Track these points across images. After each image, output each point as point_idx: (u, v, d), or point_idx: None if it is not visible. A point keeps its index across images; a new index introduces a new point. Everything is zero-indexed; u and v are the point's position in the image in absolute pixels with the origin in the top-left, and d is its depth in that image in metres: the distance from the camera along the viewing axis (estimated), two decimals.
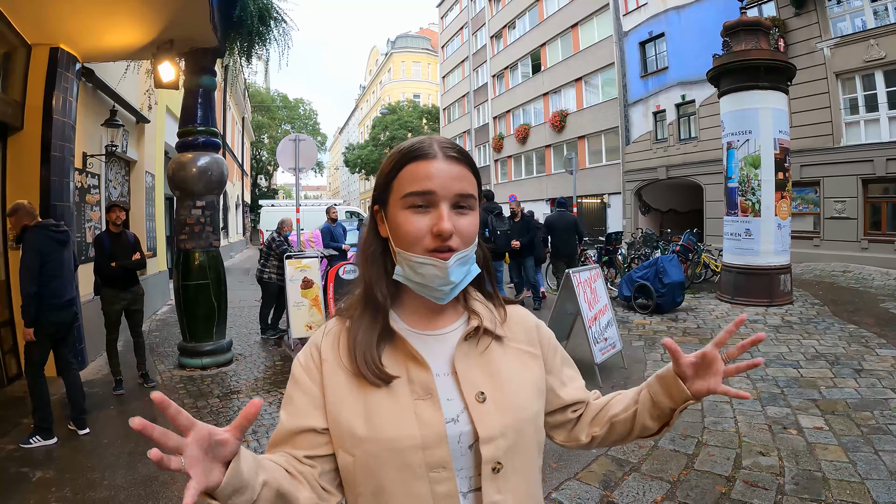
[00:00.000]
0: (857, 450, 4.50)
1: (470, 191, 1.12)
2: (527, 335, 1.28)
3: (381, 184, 1.18)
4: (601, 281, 7.25)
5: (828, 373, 6.53)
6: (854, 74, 16.30)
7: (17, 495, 4.03)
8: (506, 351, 1.21)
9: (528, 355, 1.25)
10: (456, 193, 1.10)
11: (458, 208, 1.10)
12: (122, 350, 6.98)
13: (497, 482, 1.09)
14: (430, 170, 1.09)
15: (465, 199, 1.11)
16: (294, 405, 1.13)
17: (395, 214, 1.12)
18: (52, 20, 6.37)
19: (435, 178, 1.09)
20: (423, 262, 1.08)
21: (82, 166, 7.95)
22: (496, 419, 1.10)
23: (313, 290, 8.74)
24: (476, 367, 1.15)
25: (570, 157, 19.09)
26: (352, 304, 1.21)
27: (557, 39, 32.44)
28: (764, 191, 10.70)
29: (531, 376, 1.22)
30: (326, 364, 1.15)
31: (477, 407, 1.10)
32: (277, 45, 7.91)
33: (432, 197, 1.08)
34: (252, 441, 5.03)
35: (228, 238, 27.18)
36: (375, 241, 1.20)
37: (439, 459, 1.06)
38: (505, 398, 1.13)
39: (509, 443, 1.10)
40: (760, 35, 10.88)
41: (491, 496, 1.08)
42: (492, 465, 1.08)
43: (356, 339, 1.13)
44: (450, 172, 1.10)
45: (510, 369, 1.19)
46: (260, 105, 52.82)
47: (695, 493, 3.94)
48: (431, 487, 1.06)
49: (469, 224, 1.11)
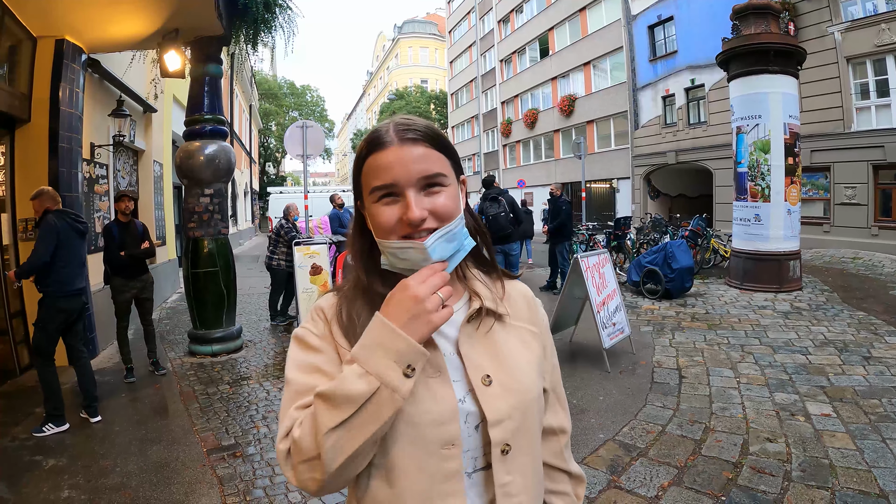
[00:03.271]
0: (864, 437, 4.49)
1: (436, 169, 1.09)
2: (528, 312, 1.28)
3: (353, 179, 1.17)
4: (609, 266, 7.23)
5: (836, 360, 6.51)
6: (865, 59, 16.12)
7: (30, 483, 4.08)
8: (507, 330, 1.21)
9: (529, 333, 1.24)
10: (420, 176, 1.07)
11: (429, 188, 1.08)
12: (133, 338, 7.03)
13: (506, 463, 1.10)
14: (388, 159, 1.07)
15: (432, 178, 1.08)
16: (322, 371, 1.08)
17: (369, 208, 1.12)
18: (56, 12, 6.37)
19: (394, 167, 1.06)
20: (402, 247, 1.06)
21: (90, 157, 7.99)
22: (503, 402, 1.10)
23: (322, 276, 8.76)
24: (480, 349, 1.14)
25: (579, 142, 19.04)
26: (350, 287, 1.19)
27: (565, 23, 32.22)
28: (774, 176, 10.62)
29: (533, 356, 1.22)
30: (335, 329, 1.14)
31: (483, 390, 1.10)
32: (283, 32, 7.91)
33: (396, 187, 1.06)
34: (262, 427, 5.07)
35: (237, 226, 27.27)
36: (363, 235, 1.19)
37: (451, 436, 1.06)
38: (510, 380, 1.13)
39: (516, 424, 1.11)
40: (770, 18, 10.76)
41: (501, 477, 1.09)
42: (501, 447, 1.09)
43: (355, 322, 1.12)
44: (409, 156, 1.07)
45: (513, 349, 1.18)
46: (267, 92, 52.69)
47: (702, 479, 3.95)
48: (440, 464, 1.06)
49: (445, 202, 1.08)
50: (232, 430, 5.06)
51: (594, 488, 3.88)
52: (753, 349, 7.05)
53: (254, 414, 5.46)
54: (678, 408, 5.33)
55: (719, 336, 7.69)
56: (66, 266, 5.08)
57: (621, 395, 5.71)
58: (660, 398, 5.59)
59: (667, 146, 23.82)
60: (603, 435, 4.79)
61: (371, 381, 0.95)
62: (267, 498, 3.87)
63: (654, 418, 5.10)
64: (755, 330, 7.91)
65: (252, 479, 4.14)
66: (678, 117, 23.31)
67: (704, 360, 6.72)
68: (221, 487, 4.00)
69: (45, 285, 5.03)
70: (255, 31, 7.62)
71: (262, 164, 52.10)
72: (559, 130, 33.15)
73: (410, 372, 0.97)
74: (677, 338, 7.73)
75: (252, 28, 7.57)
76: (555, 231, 11.53)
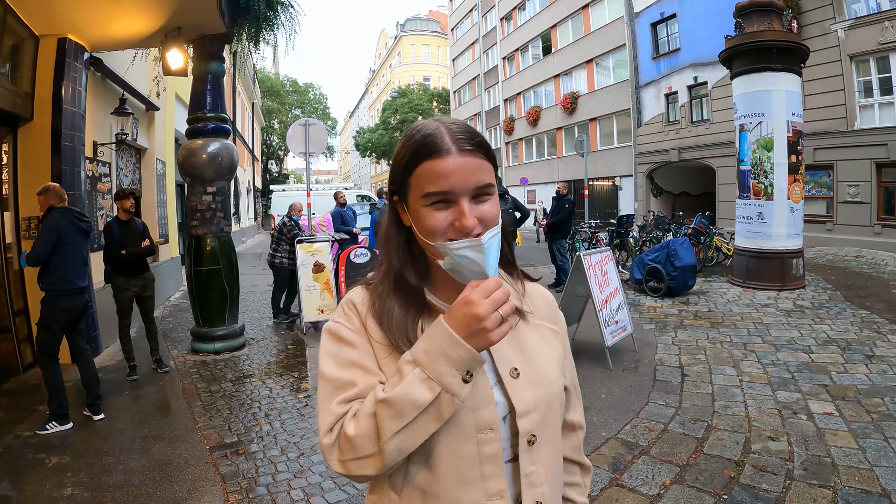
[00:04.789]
0: (866, 436, 4.49)
1: (487, 180, 1.11)
2: (548, 311, 1.33)
3: (396, 178, 1.17)
4: (612, 264, 7.23)
5: (839, 358, 6.50)
6: (868, 57, 16.06)
7: (34, 480, 4.10)
8: (530, 327, 1.26)
9: (550, 332, 1.30)
10: (474, 187, 1.09)
11: (479, 197, 1.10)
12: (136, 336, 7.06)
13: (531, 454, 1.15)
14: (446, 167, 1.08)
15: (484, 189, 1.10)
16: (360, 365, 1.13)
17: (416, 209, 1.12)
18: (59, 11, 6.39)
19: (452, 177, 1.08)
20: (460, 246, 1.07)
21: (93, 155, 8.00)
22: (529, 394, 1.15)
23: (325, 273, 8.80)
24: (507, 344, 1.15)
25: (582, 140, 19.02)
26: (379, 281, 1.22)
27: (568, 21, 32.16)
28: (777, 174, 10.61)
29: (555, 353, 1.27)
30: (369, 323, 1.17)
31: (512, 382, 1.15)
32: (285, 30, 7.93)
33: (451, 195, 1.08)
34: (265, 424, 5.09)
35: (240, 223, 27.28)
36: (399, 231, 1.20)
37: (488, 420, 1.11)
38: (536, 374, 1.18)
39: (541, 416, 1.16)
40: (773, 16, 10.74)
41: (526, 467, 1.14)
42: (527, 438, 1.14)
43: (391, 315, 1.16)
44: (466, 167, 1.09)
45: (537, 345, 1.24)
46: (270, 90, 52.72)
47: (704, 477, 3.95)
48: (479, 448, 1.10)
49: (490, 208, 1.11)
50: (235, 427, 5.07)
51: (596, 486, 3.88)
52: (756, 347, 7.05)
53: (256, 411, 5.47)
54: (680, 406, 5.33)
55: (722, 334, 7.69)
56: (68, 264, 5.09)
57: (623, 393, 5.71)
58: (662, 396, 5.59)
59: (670, 144, 23.79)
60: (605, 433, 4.79)
61: (433, 386, 1.00)
62: (269, 495, 3.88)
63: (657, 416, 5.10)
64: (758, 328, 7.91)
65: (255, 476, 4.15)
66: (681, 115, 23.27)
67: (707, 358, 6.72)
68: (224, 485, 4.01)
69: (47, 283, 5.04)
70: (258, 29, 7.63)
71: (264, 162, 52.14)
72: (562, 128, 33.12)
73: (469, 378, 1.02)
74: (680, 336, 7.73)
75: (254, 26, 7.58)
76: (553, 227, 11.50)
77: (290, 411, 5.44)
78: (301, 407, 5.55)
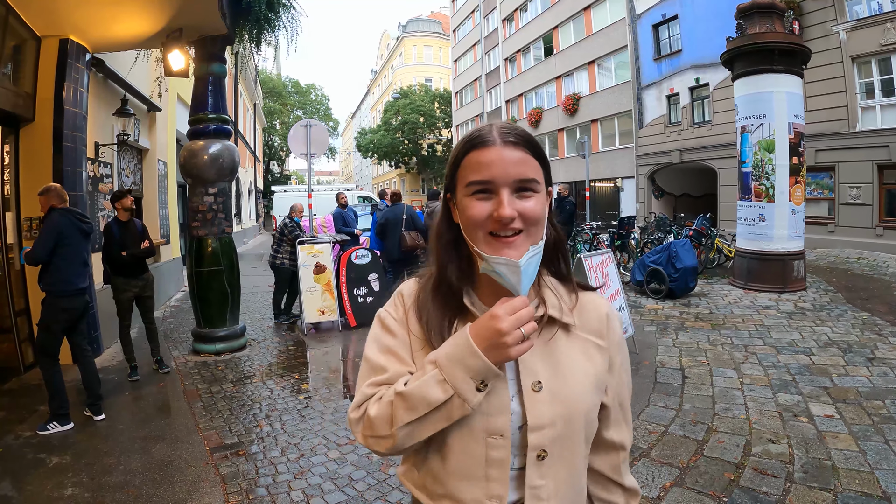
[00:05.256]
0: (867, 439, 4.49)
1: (531, 175, 1.14)
2: (598, 325, 1.28)
3: (449, 173, 1.23)
4: (613, 265, 7.22)
5: (840, 360, 6.50)
6: (870, 58, 16.02)
7: (34, 480, 4.10)
8: (572, 340, 1.24)
9: (595, 347, 1.25)
10: (515, 179, 1.12)
11: (521, 191, 1.13)
12: (136, 337, 7.07)
13: (541, 468, 1.15)
14: (489, 157, 1.13)
15: (527, 183, 1.13)
16: (395, 354, 1.22)
17: (461, 201, 1.18)
18: (60, 11, 6.39)
19: (494, 166, 1.12)
20: (497, 262, 1.10)
21: (94, 156, 8.01)
22: (547, 409, 1.15)
23: (326, 275, 8.81)
24: (538, 355, 1.18)
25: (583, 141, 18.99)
26: (427, 277, 1.29)
27: (570, 22, 32.14)
28: (778, 176, 10.60)
29: (594, 369, 1.23)
30: (411, 315, 1.26)
31: (531, 395, 1.16)
32: (286, 31, 7.93)
33: (492, 184, 1.12)
34: (265, 425, 5.09)
35: (241, 224, 27.30)
36: (448, 227, 1.25)
37: (499, 427, 1.14)
38: (562, 389, 1.17)
39: (558, 432, 1.16)
40: (775, 17, 10.73)
41: (533, 480, 1.15)
42: (537, 453, 1.15)
43: (429, 313, 1.22)
44: (510, 158, 1.13)
45: (573, 360, 1.21)
46: (271, 91, 52.77)
47: (704, 480, 3.95)
48: (487, 451, 1.15)
49: (533, 207, 1.13)
50: (235, 428, 5.07)
51: None
52: (757, 349, 7.04)
53: (257, 412, 5.47)
54: (681, 408, 5.32)
55: (723, 336, 7.68)
56: (68, 265, 5.09)
57: None
58: (663, 398, 5.58)
59: (671, 145, 23.77)
60: None
61: (447, 389, 1.07)
62: (269, 496, 3.88)
63: (657, 418, 5.10)
64: (759, 330, 7.90)
65: (255, 477, 4.15)
66: (682, 116, 23.25)
67: (708, 360, 6.72)
68: (224, 486, 4.01)
69: (48, 284, 5.04)
70: (259, 30, 7.64)
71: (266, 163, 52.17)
72: (563, 129, 33.10)
73: (482, 387, 1.08)
74: (681, 338, 7.72)
75: (255, 27, 7.59)
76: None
77: (290, 412, 5.44)
78: (301, 408, 5.56)
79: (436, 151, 56.26)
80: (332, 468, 4.28)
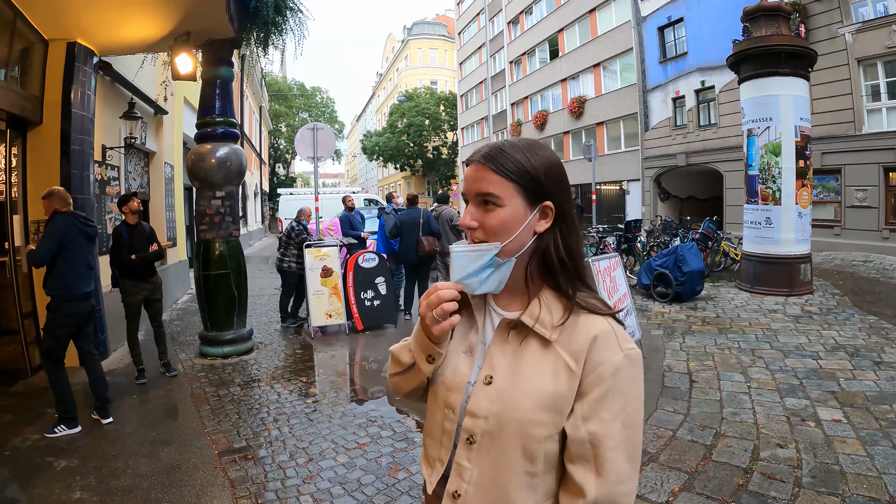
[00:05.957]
0: (875, 443, 4.47)
1: (488, 189, 1.24)
2: (579, 348, 1.20)
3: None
4: (621, 269, 7.21)
5: (847, 364, 6.48)
6: (876, 60, 16.00)
7: (42, 484, 4.11)
8: (547, 353, 1.22)
9: (566, 369, 1.19)
10: (476, 192, 1.26)
11: (484, 205, 1.25)
12: (144, 340, 7.07)
13: (468, 452, 1.27)
14: (467, 173, 1.32)
15: (485, 196, 1.24)
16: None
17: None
18: (68, 15, 6.41)
19: (465, 181, 1.30)
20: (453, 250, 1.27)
21: (102, 159, 8.04)
22: (486, 402, 1.24)
23: (333, 278, 8.81)
24: (505, 354, 1.27)
25: (589, 144, 19.03)
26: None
27: (575, 25, 32.15)
28: (785, 179, 10.57)
29: (554, 388, 1.18)
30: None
31: (480, 386, 1.27)
32: (293, 34, 7.91)
33: (465, 196, 1.30)
34: (273, 429, 5.09)
35: (247, 226, 27.35)
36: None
37: (452, 402, 1.32)
38: (507, 392, 1.23)
39: (489, 427, 1.23)
40: (781, 20, 10.72)
41: (461, 459, 1.28)
42: (467, 436, 1.27)
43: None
44: (473, 176, 1.27)
45: (535, 371, 1.21)
46: (277, 94, 52.90)
47: (712, 485, 3.94)
48: (442, 420, 1.34)
49: (492, 218, 1.24)
50: (243, 432, 5.08)
51: None
52: (764, 353, 7.03)
53: (265, 416, 5.48)
54: (689, 412, 5.31)
55: (730, 340, 7.67)
56: (72, 269, 5.06)
57: None
58: (670, 403, 5.57)
59: (677, 148, 23.73)
60: None
61: (411, 356, 1.37)
62: (279, 501, 3.88)
63: (665, 423, 5.08)
64: (766, 334, 7.89)
65: (264, 481, 4.15)
66: (688, 119, 23.21)
67: (715, 364, 6.71)
68: (233, 490, 4.01)
69: (52, 289, 5.02)
70: (266, 33, 7.65)
71: (272, 165, 52.26)
72: (569, 132, 33.08)
73: (430, 360, 1.31)
74: (688, 342, 7.71)
75: (263, 31, 7.60)
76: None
77: (298, 416, 5.45)
78: (310, 412, 5.56)
79: (441, 154, 56.30)
80: (342, 473, 4.28)
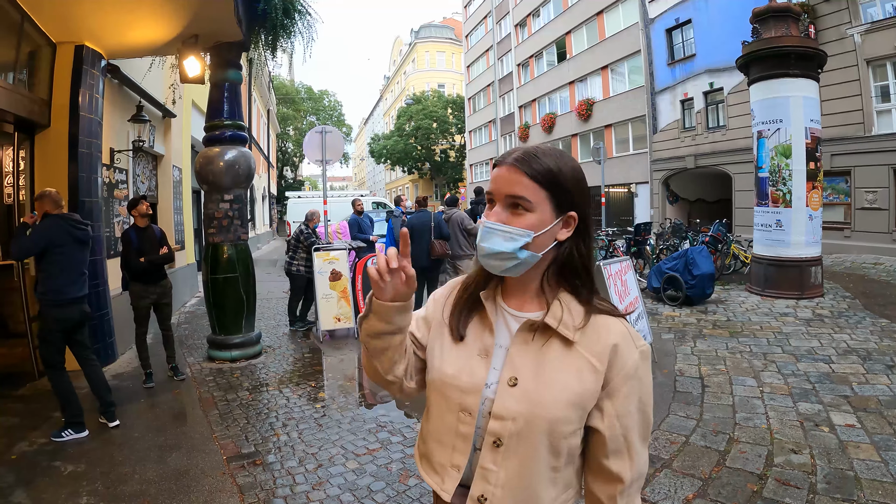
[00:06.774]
0: (889, 449, 4.41)
1: (521, 193, 1.26)
2: (601, 348, 1.29)
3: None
4: (632, 273, 7.15)
5: (860, 368, 6.40)
6: (885, 61, 15.92)
7: (48, 488, 4.08)
8: (569, 354, 1.29)
9: (590, 367, 1.28)
10: (506, 195, 1.28)
11: (513, 208, 1.28)
12: (152, 343, 7.06)
13: (495, 455, 1.28)
14: (496, 173, 1.32)
15: (516, 199, 1.27)
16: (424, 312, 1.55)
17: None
18: (76, 18, 6.42)
19: (494, 182, 1.32)
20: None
21: (110, 162, 8.04)
22: (514, 404, 1.27)
23: (342, 282, 8.79)
24: (527, 355, 1.30)
25: (598, 147, 18.96)
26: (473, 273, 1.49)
27: (582, 27, 32.12)
28: (795, 181, 10.50)
29: (580, 387, 1.27)
30: (451, 297, 1.49)
31: (505, 388, 1.29)
32: (302, 37, 7.89)
33: (492, 196, 1.32)
34: (282, 434, 5.06)
35: (255, 230, 27.42)
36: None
37: (468, 405, 1.32)
38: (535, 391, 1.26)
39: (517, 428, 1.26)
40: (790, 21, 10.65)
41: (486, 463, 1.30)
42: (493, 439, 1.28)
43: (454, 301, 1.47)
44: (506, 177, 1.29)
45: (560, 371, 1.28)
46: (285, 97, 53.01)
47: (726, 491, 3.89)
48: (456, 424, 1.34)
49: (520, 222, 1.27)
50: (252, 437, 5.05)
51: None
52: (776, 357, 6.96)
53: (273, 421, 5.44)
54: (701, 418, 5.25)
55: (741, 344, 7.60)
56: (60, 274, 4.96)
57: None
58: (683, 408, 5.52)
59: (685, 150, 23.65)
60: None
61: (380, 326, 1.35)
62: None
63: (678, 428, 5.03)
64: (777, 337, 7.82)
65: (272, 487, 4.11)
66: (697, 121, 23.13)
67: (727, 368, 6.64)
68: (242, 496, 3.97)
69: (41, 293, 4.95)
70: (275, 36, 7.64)
71: (279, 168, 52.37)
72: (577, 135, 33.03)
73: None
74: (699, 345, 7.65)
75: (271, 34, 7.59)
76: None
77: (307, 421, 5.41)
78: (318, 417, 5.52)
79: (449, 157, 56.33)
80: (351, 479, 4.24)
